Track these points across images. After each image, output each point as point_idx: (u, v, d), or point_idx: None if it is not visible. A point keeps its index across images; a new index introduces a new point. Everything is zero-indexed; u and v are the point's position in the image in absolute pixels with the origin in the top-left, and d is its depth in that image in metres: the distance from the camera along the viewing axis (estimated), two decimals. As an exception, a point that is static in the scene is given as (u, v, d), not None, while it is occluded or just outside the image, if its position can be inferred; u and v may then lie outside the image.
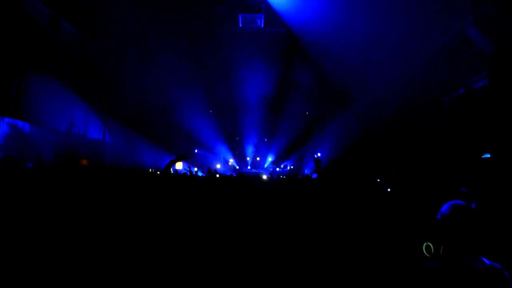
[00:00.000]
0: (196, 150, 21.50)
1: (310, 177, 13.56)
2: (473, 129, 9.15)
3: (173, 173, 14.55)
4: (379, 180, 10.85)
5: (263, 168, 23.04)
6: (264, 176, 13.76)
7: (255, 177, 11.67)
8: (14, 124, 10.03)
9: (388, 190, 8.02)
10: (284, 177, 14.77)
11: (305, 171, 20.69)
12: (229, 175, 13.05)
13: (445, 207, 1.73)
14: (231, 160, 23.47)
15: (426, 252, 1.64)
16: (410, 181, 10.39)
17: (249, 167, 23.15)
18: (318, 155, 20.40)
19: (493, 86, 7.72)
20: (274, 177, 15.12)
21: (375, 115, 13.70)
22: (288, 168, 22.59)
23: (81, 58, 12.09)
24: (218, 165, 21.94)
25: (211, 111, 20.16)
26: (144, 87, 15.03)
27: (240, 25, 11.73)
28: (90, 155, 13.19)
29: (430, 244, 1.64)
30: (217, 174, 15.92)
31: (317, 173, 13.97)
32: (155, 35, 12.17)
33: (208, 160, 21.89)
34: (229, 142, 22.82)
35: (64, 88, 12.12)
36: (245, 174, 18.65)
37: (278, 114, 20.71)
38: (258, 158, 24.11)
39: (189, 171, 12.45)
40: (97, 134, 14.67)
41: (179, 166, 18.22)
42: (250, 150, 23.67)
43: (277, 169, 22.64)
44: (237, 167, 23.20)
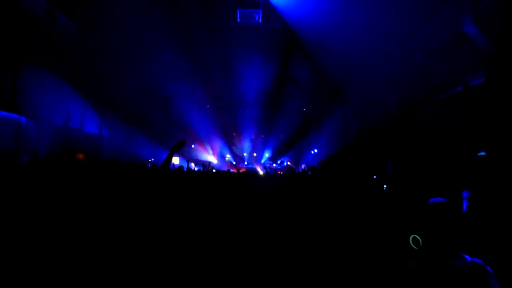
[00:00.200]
0: (193, 145, 21.47)
1: (307, 173, 13.58)
2: (470, 127, 9.18)
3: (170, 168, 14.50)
4: (376, 177, 10.88)
5: (260, 164, 23.07)
6: (261, 172, 13.77)
7: (252, 173, 11.67)
8: (10, 118, 9.96)
9: (385, 187, 8.05)
10: (281, 173, 14.78)
11: (302, 167, 20.73)
12: (226, 171, 13.04)
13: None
14: (228, 156, 23.47)
15: (414, 245, 1.64)
16: (407, 178, 10.43)
17: (246, 163, 23.16)
18: (315, 151, 20.46)
19: (490, 84, 7.74)
20: (270, 173, 15.14)
21: (372, 112, 13.72)
22: (285, 164, 22.64)
23: (78, 51, 12.01)
24: (215, 161, 21.94)
25: (208, 106, 20.11)
26: (142, 81, 14.96)
27: (238, 20, 11.67)
28: (87, 149, 13.15)
29: (418, 237, 1.63)
30: (213, 169, 15.93)
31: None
32: (153, 29, 12.08)
33: (205, 156, 21.89)
34: (226, 138, 22.83)
35: (61, 82, 12.06)
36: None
37: (276, 110, 20.69)
38: (255, 154, 24.12)
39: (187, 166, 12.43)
40: (94, 128, 14.61)
41: (176, 161, 18.21)
42: (247, 146, 23.67)
43: (274, 165, 22.68)
44: (234, 163, 23.21)
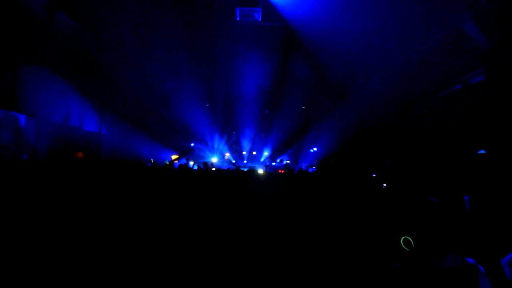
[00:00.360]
0: (192, 144, 21.47)
1: (307, 172, 13.59)
2: (469, 125, 9.19)
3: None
4: (375, 175, 10.90)
5: (259, 162, 23.06)
6: (260, 170, 13.78)
7: (252, 172, 11.68)
8: (10, 116, 9.96)
9: (384, 186, 8.06)
10: (282, 172, 14.78)
11: (302, 166, 20.74)
12: (226, 169, 13.05)
13: None
14: (227, 154, 23.46)
15: (405, 246, 1.62)
16: (406, 177, 10.44)
17: (245, 161, 23.17)
18: (314, 150, 20.48)
19: (490, 82, 7.75)
20: (270, 171, 15.15)
21: (372, 110, 13.73)
22: (284, 163, 22.64)
23: (78, 50, 12.01)
24: (214, 159, 21.94)
25: (208, 105, 20.10)
26: (141, 80, 14.96)
27: (238, 19, 11.65)
28: (86, 148, 13.15)
29: (409, 238, 1.61)
30: (213, 168, 15.93)
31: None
32: (152, 28, 12.08)
33: (204, 154, 21.89)
34: (226, 136, 22.82)
35: (60, 80, 12.05)
36: (242, 169, 18.67)
37: (275, 108, 20.68)
38: (255, 153, 24.12)
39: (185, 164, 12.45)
40: (93, 127, 14.61)
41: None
42: (247, 144, 23.66)
43: (273, 164, 22.68)
44: (233, 161, 23.21)
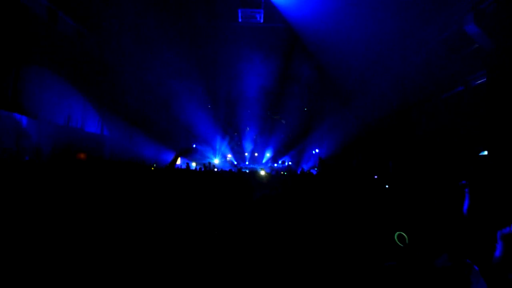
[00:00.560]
0: (194, 145, 21.48)
1: (310, 173, 13.58)
2: (471, 127, 9.16)
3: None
4: (377, 177, 10.87)
5: (261, 164, 23.05)
6: (263, 172, 13.75)
7: (254, 173, 11.67)
8: (11, 117, 9.98)
9: (386, 187, 8.04)
10: (285, 173, 14.77)
11: (304, 167, 20.72)
12: (229, 170, 13.04)
13: None
14: (229, 156, 23.45)
15: (399, 242, 1.61)
16: (408, 178, 10.41)
17: (247, 163, 23.15)
18: (316, 151, 20.45)
19: (492, 84, 7.72)
20: (272, 173, 15.13)
21: (374, 111, 13.71)
22: (286, 164, 22.62)
23: (80, 51, 12.03)
24: (216, 160, 21.94)
25: (210, 106, 20.12)
26: (143, 81, 14.98)
27: (240, 20, 11.67)
28: (88, 149, 13.16)
29: (403, 234, 1.59)
30: (215, 169, 15.91)
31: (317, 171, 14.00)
32: (155, 29, 12.10)
33: (206, 155, 21.89)
34: (228, 137, 22.82)
35: (62, 81, 12.07)
36: (244, 170, 18.68)
37: (277, 110, 20.69)
38: (256, 154, 24.10)
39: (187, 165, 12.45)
40: (95, 128, 14.62)
41: (178, 161, 18.19)
42: (249, 146, 23.64)
43: (275, 165, 22.66)
44: (235, 163, 23.20)
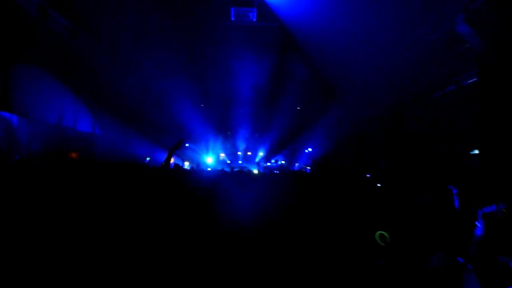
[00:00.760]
0: (187, 144, 21.40)
1: (303, 171, 13.62)
2: (462, 126, 9.26)
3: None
4: (369, 175, 10.94)
5: (254, 163, 23.06)
6: (255, 171, 13.76)
7: (247, 172, 11.67)
8: (1, 116, 9.86)
9: (378, 185, 8.09)
10: (277, 172, 14.80)
11: (295, 166, 20.79)
12: (221, 169, 13.02)
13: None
14: (222, 155, 23.41)
15: (381, 241, 1.61)
16: (400, 177, 10.49)
17: (240, 162, 23.13)
18: (309, 150, 20.52)
19: (483, 83, 7.81)
20: (265, 172, 15.14)
21: (366, 111, 13.80)
22: (279, 163, 22.67)
23: (71, 49, 11.90)
24: (209, 159, 21.89)
25: (203, 105, 20.05)
26: (136, 80, 14.87)
27: (233, 19, 11.64)
28: (80, 148, 13.05)
29: (384, 233, 1.60)
30: (208, 168, 15.88)
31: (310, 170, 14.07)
32: (147, 28, 12.02)
33: (199, 155, 21.84)
34: (220, 136, 22.77)
35: (53, 80, 11.96)
36: (236, 169, 18.65)
37: (270, 109, 20.69)
38: (249, 153, 24.10)
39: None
40: (87, 127, 14.51)
41: (171, 159, 18.10)
42: (241, 145, 23.62)
43: (268, 164, 22.69)
44: (228, 162, 23.17)
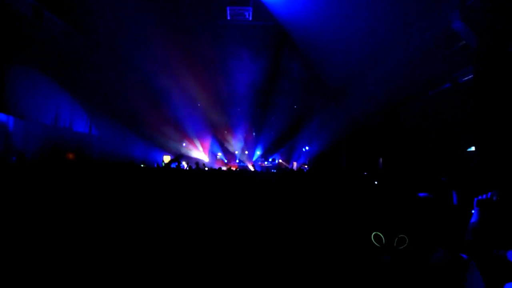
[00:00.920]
0: (184, 144, 21.37)
1: (301, 170, 13.65)
2: (459, 123, 9.31)
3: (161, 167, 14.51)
4: (366, 173, 10.97)
5: (252, 162, 23.06)
6: (252, 169, 13.79)
7: (245, 171, 11.69)
8: (-2, 118, 9.82)
9: (375, 183, 8.11)
10: (274, 171, 14.83)
11: (292, 165, 20.81)
12: (218, 169, 13.03)
13: None
14: (219, 154, 23.40)
15: (376, 242, 1.61)
16: (397, 174, 10.53)
17: (238, 161, 23.12)
18: (306, 149, 20.56)
19: (478, 80, 7.84)
20: (263, 171, 15.17)
21: (362, 109, 13.82)
22: (277, 162, 22.69)
23: (67, 50, 11.85)
24: (206, 159, 21.88)
25: (199, 104, 20.02)
26: (131, 79, 14.83)
27: (228, 18, 11.63)
28: (77, 149, 13.02)
29: (380, 234, 1.60)
30: (205, 168, 15.89)
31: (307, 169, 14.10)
32: (142, 27, 11.97)
33: (196, 154, 21.81)
34: (217, 135, 22.76)
35: (49, 80, 11.91)
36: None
37: (267, 108, 20.70)
38: (247, 152, 24.09)
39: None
40: (84, 127, 14.47)
41: (167, 159, 18.11)
42: (239, 143, 23.60)
43: (266, 163, 22.71)
44: (225, 161, 23.16)
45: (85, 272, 3.50)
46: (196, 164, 14.98)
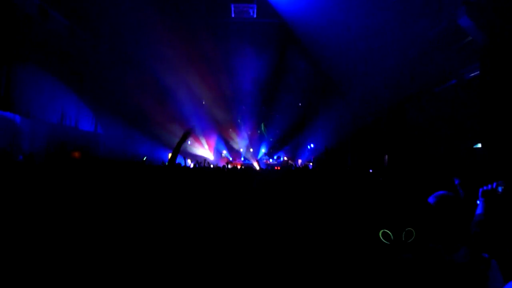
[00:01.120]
0: (189, 142, 21.38)
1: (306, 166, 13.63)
2: (465, 120, 9.22)
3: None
4: (372, 171, 10.93)
5: (257, 159, 23.03)
6: (257, 167, 13.79)
7: (250, 169, 11.69)
8: (4, 117, 9.90)
9: (380, 180, 8.08)
10: (278, 168, 14.82)
11: (298, 163, 20.77)
12: (223, 166, 13.04)
13: (432, 198, 1.70)
14: (224, 152, 23.40)
15: (384, 239, 1.60)
16: (403, 171, 10.48)
17: (243, 158, 23.10)
18: (311, 146, 20.51)
19: (485, 77, 7.76)
20: (268, 168, 15.16)
21: (368, 106, 13.75)
22: (282, 160, 22.67)
23: (72, 49, 11.90)
24: (211, 156, 21.89)
25: (204, 102, 20.02)
26: (137, 78, 14.86)
27: (233, 15, 11.61)
28: (83, 147, 13.10)
29: (388, 231, 1.59)
30: (210, 165, 15.91)
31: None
32: (147, 25, 11.99)
33: (201, 151, 21.83)
34: (222, 133, 22.75)
35: (55, 79, 11.98)
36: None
37: (272, 105, 20.67)
38: (252, 149, 24.06)
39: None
40: (89, 126, 14.54)
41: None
42: (244, 141, 23.58)
43: (270, 160, 22.68)
44: (230, 158, 23.16)
45: (93, 270, 3.53)
46: (197, 163, 15.01)
